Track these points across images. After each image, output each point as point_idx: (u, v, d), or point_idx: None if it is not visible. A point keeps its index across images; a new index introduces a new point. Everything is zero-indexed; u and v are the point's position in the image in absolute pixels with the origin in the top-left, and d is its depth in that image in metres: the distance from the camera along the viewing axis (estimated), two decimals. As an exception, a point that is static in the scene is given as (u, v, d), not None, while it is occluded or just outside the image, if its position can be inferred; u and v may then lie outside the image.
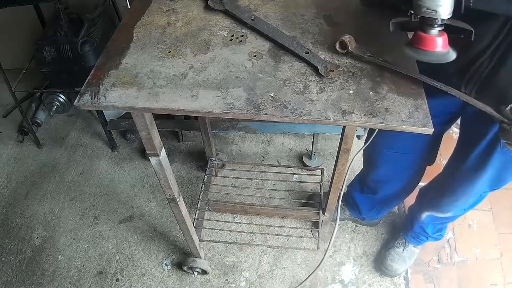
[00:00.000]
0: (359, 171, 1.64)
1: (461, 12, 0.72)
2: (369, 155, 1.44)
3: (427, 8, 0.70)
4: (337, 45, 0.88)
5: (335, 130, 1.91)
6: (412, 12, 0.73)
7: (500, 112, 0.77)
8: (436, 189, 1.35)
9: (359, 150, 1.20)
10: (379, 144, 1.29)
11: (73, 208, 1.93)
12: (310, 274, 1.50)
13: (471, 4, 0.71)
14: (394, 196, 1.54)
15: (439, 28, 0.73)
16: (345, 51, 0.88)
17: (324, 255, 1.30)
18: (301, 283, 1.59)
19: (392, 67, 0.84)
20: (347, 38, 0.86)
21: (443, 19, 0.71)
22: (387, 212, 1.75)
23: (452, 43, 0.75)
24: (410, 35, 0.80)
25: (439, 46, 0.74)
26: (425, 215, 1.44)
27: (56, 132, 2.27)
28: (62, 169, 2.09)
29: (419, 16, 0.72)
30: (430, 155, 1.32)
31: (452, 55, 0.75)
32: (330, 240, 1.24)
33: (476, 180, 1.13)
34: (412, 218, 1.56)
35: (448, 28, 0.74)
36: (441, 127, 1.18)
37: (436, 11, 0.70)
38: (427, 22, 0.72)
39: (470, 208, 1.32)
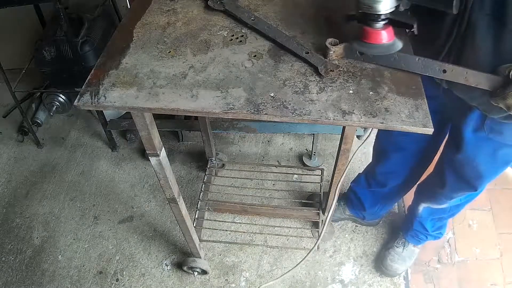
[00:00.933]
0: (365, 167, 1.63)
1: (403, 8, 0.74)
2: (381, 145, 1.44)
3: (364, 4, 0.73)
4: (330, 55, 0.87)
5: (335, 130, 1.91)
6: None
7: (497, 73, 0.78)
8: (432, 180, 1.36)
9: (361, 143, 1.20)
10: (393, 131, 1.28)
11: (73, 208, 1.93)
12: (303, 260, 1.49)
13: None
14: (400, 188, 1.53)
15: (382, 22, 0.75)
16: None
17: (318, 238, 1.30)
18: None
19: (380, 62, 0.84)
20: (331, 50, 0.85)
21: (384, 14, 0.73)
22: (390, 208, 1.75)
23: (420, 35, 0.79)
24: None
25: (384, 39, 0.77)
26: (422, 207, 1.44)
27: (56, 132, 2.27)
28: (62, 169, 2.09)
29: (360, 11, 0.75)
30: (439, 143, 1.31)
31: (398, 46, 0.78)
32: (324, 226, 1.23)
33: (468, 170, 1.13)
34: (411, 215, 1.56)
35: (392, 21, 0.76)
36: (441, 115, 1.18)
37: (372, 7, 0.72)
38: (369, 17, 0.75)
39: (466, 200, 1.32)
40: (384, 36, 0.77)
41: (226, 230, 1.79)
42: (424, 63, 0.80)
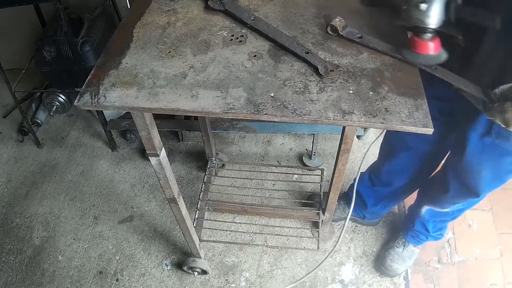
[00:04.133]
0: (369, 165, 1.63)
1: (452, 22, 0.79)
2: (389, 143, 1.44)
3: (416, 18, 0.78)
4: (329, 29, 0.92)
5: (335, 130, 1.91)
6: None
7: (486, 95, 0.83)
8: (435, 184, 1.36)
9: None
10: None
11: (73, 208, 1.93)
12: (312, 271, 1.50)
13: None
14: (404, 189, 1.53)
15: (431, 34, 0.80)
16: (336, 34, 0.91)
17: (334, 247, 1.29)
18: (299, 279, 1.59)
19: (379, 48, 0.87)
20: (337, 21, 0.91)
21: (432, 28, 0.78)
22: (391, 208, 1.75)
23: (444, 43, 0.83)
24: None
25: (431, 49, 0.81)
26: (424, 209, 1.44)
27: (56, 132, 2.27)
28: (62, 169, 2.09)
29: (412, 24, 0.80)
30: (447, 147, 1.31)
31: (443, 56, 0.82)
32: (340, 234, 1.23)
33: (472, 177, 1.13)
34: (412, 216, 1.56)
35: (440, 33, 0.81)
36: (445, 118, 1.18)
37: (423, 21, 0.78)
38: (418, 29, 0.80)
39: (469, 205, 1.32)
40: (431, 47, 0.81)
41: (226, 230, 1.79)
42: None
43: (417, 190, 1.53)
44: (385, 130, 1.28)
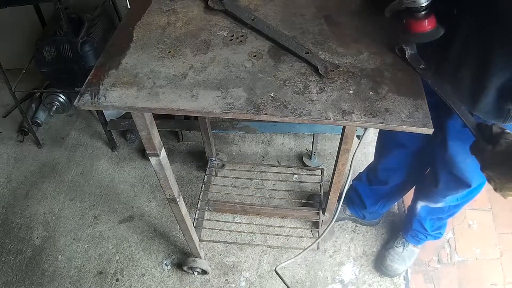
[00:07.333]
0: (367, 165, 1.64)
1: None
2: (382, 141, 1.44)
3: (407, 0, 0.78)
4: (397, 49, 0.89)
5: (335, 130, 1.91)
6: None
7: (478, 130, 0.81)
8: (427, 178, 1.37)
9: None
10: None
11: (73, 208, 1.93)
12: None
13: None
14: (401, 187, 1.54)
15: (424, 12, 0.79)
16: (402, 56, 0.88)
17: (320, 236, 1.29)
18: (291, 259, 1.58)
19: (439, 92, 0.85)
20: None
21: (425, 5, 0.78)
22: (390, 207, 1.75)
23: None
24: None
25: (427, 26, 0.81)
26: (419, 205, 1.45)
27: (56, 132, 2.27)
28: (62, 169, 2.09)
29: (403, 6, 0.79)
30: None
31: (441, 31, 0.82)
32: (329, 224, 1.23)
33: (457, 166, 1.14)
34: (410, 215, 1.56)
35: (432, 10, 0.80)
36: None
37: (415, 1, 0.77)
38: (411, 9, 0.79)
39: (464, 201, 1.32)
40: (427, 24, 0.81)
41: (226, 230, 1.79)
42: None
43: (414, 187, 1.53)
44: (374, 132, 1.28)
